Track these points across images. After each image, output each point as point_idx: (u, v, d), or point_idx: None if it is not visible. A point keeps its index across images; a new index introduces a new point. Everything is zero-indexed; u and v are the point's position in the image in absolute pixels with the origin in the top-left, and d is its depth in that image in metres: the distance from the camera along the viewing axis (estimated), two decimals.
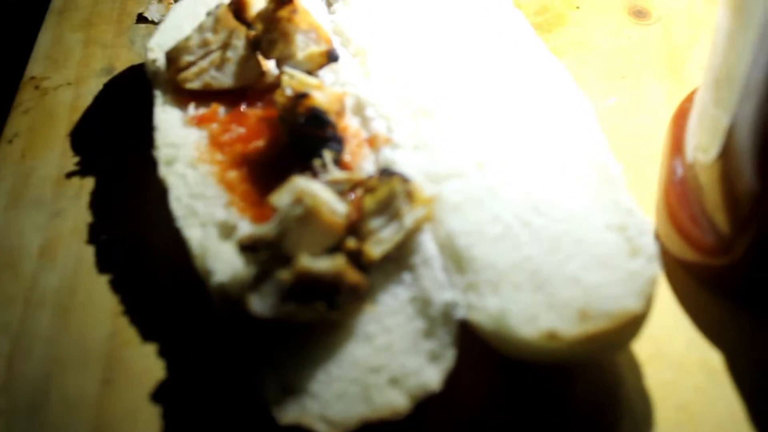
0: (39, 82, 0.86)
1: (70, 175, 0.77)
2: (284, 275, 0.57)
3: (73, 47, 0.89)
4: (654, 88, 0.82)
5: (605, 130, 0.67)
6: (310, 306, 0.58)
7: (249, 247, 0.60)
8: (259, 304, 0.58)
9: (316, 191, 0.60)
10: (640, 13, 0.89)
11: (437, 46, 0.75)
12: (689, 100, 0.71)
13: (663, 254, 0.60)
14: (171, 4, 0.92)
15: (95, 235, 0.73)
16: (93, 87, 0.85)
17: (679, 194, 0.67)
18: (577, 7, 0.90)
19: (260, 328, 0.60)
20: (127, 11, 0.93)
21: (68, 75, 0.86)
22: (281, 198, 0.59)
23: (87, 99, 0.84)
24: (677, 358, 0.63)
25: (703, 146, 0.65)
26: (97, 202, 0.75)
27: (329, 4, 0.82)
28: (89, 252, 0.72)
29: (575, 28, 0.89)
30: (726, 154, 0.62)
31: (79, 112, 0.83)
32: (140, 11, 0.92)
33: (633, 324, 0.57)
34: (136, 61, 0.87)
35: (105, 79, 0.86)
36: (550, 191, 0.63)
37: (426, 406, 0.57)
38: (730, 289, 0.66)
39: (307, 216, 0.59)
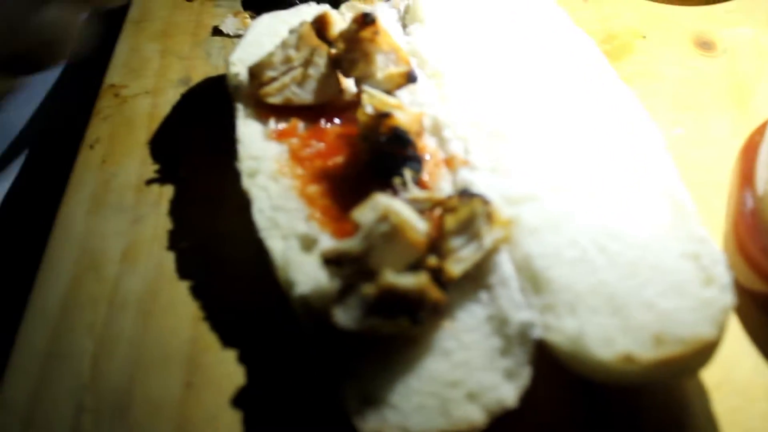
0: (118, 90, 0.88)
1: (149, 182, 0.80)
2: (369, 289, 0.59)
3: (151, 57, 0.92)
4: (719, 120, 0.83)
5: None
6: (393, 320, 0.60)
7: (333, 261, 0.62)
8: (343, 316, 0.60)
9: (400, 209, 0.62)
10: (705, 45, 0.90)
11: (512, 69, 0.77)
12: (760, 132, 0.72)
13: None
14: (246, 18, 0.94)
15: (175, 241, 0.75)
16: (170, 96, 0.88)
17: (749, 226, 0.69)
18: (644, 37, 0.92)
19: (341, 339, 0.61)
20: (202, 24, 0.96)
21: (146, 84, 0.89)
22: (365, 214, 0.61)
23: (165, 108, 0.87)
24: (744, 385, 0.65)
25: None
26: (176, 210, 0.78)
27: (405, 26, 0.84)
28: (169, 258, 0.74)
29: (641, 57, 0.90)
30: None
31: (158, 121, 0.85)
32: (216, 24, 0.95)
33: (706, 351, 0.59)
34: (212, 73, 0.89)
35: (182, 90, 0.88)
36: (624, 217, 0.65)
37: (502, 420, 0.59)
38: None
39: (392, 233, 0.61)
